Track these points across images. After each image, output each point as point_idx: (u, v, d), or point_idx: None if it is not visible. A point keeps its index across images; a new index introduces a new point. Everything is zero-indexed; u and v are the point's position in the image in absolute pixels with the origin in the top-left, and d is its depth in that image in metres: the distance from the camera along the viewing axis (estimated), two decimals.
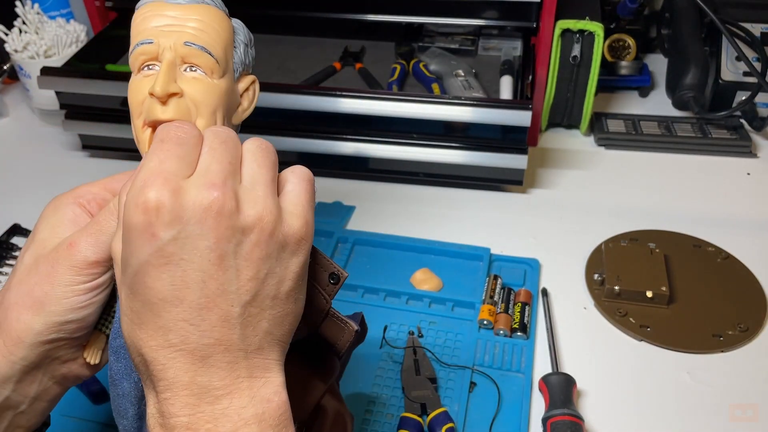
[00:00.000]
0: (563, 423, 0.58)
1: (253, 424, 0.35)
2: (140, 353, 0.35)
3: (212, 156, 0.37)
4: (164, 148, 0.36)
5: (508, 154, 0.83)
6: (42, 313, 0.40)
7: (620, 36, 1.03)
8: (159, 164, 0.35)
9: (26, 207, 0.88)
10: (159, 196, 0.34)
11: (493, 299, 0.71)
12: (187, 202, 0.34)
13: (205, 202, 0.34)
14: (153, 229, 0.34)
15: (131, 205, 0.34)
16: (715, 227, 0.81)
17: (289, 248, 0.37)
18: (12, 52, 0.97)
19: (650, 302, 0.71)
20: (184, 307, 0.34)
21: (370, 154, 0.86)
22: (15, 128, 1.04)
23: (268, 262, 0.36)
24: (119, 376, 0.43)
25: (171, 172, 0.35)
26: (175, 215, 0.34)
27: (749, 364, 0.66)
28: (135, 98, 0.43)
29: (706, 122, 0.96)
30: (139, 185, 0.35)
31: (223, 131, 0.38)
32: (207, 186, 0.35)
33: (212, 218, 0.34)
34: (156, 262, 0.34)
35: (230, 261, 0.35)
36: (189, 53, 0.41)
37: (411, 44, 0.98)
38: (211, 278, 0.35)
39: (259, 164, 0.38)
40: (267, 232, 0.36)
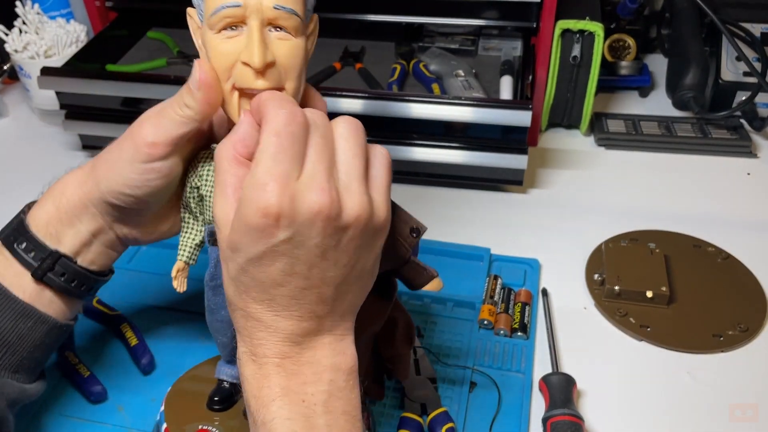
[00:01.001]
0: (563, 423, 0.58)
1: (329, 371, 0.42)
2: (245, 310, 0.41)
3: (318, 156, 0.39)
4: (280, 146, 0.38)
5: (508, 154, 0.83)
6: (108, 179, 0.48)
7: (620, 36, 1.03)
8: (276, 165, 0.38)
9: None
10: (279, 203, 0.37)
11: (493, 299, 0.71)
12: (301, 207, 0.38)
13: (315, 207, 0.38)
14: (270, 230, 0.38)
15: (251, 205, 0.38)
16: (715, 227, 0.81)
17: (377, 235, 0.42)
18: (12, 52, 0.97)
19: (650, 302, 0.71)
20: (290, 288, 0.40)
21: None
22: (15, 128, 1.04)
23: (359, 250, 0.41)
24: (217, 306, 0.50)
25: (287, 174, 0.38)
26: (291, 220, 0.38)
27: (749, 364, 0.66)
28: (221, 61, 0.43)
29: (706, 122, 0.96)
30: (258, 186, 0.38)
31: (321, 121, 0.41)
32: (317, 191, 0.38)
33: (321, 221, 0.38)
34: (270, 255, 0.39)
35: (331, 253, 0.40)
36: (277, 16, 0.41)
37: (411, 44, 0.98)
38: (315, 267, 0.40)
39: (353, 154, 0.41)
40: (362, 227, 0.40)
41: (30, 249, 0.50)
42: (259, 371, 0.41)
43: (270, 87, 0.42)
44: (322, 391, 0.41)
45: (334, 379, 0.42)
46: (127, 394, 0.63)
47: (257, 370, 0.41)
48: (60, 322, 0.53)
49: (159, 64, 0.96)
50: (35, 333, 0.51)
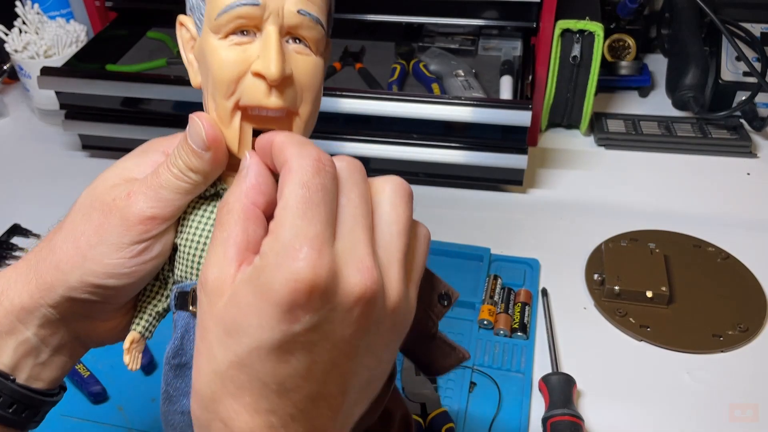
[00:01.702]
0: (563, 423, 0.58)
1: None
2: (224, 423, 0.31)
3: (355, 220, 0.31)
4: (310, 201, 0.30)
5: (508, 154, 0.83)
6: (80, 269, 0.36)
7: (620, 36, 1.03)
8: (308, 225, 0.29)
9: (26, 207, 0.88)
10: (314, 276, 0.28)
11: (493, 299, 0.71)
12: (339, 287, 0.29)
13: (357, 290, 0.29)
14: (297, 311, 0.28)
15: (278, 275, 0.28)
16: (715, 227, 0.81)
17: (401, 334, 0.34)
18: (12, 52, 0.97)
19: (650, 302, 0.71)
20: (299, 395, 0.30)
21: (370, 154, 0.86)
22: (15, 128, 1.04)
23: (383, 351, 0.33)
24: (178, 393, 0.39)
25: (322, 237, 0.29)
26: (326, 299, 0.29)
27: (749, 364, 0.66)
28: (225, 73, 0.34)
29: (706, 122, 0.96)
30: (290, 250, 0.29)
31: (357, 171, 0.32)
32: (361, 267, 0.30)
33: (360, 308, 0.30)
34: (286, 347, 0.29)
35: (359, 351, 0.31)
36: (300, 23, 0.34)
37: (411, 44, 0.98)
38: (336, 368, 0.30)
39: (398, 230, 0.33)
40: (395, 324, 0.32)
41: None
42: None
43: (283, 107, 0.34)
44: None
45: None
46: (127, 394, 0.63)
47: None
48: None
49: (159, 64, 0.97)
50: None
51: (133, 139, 0.89)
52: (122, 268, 0.36)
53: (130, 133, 0.89)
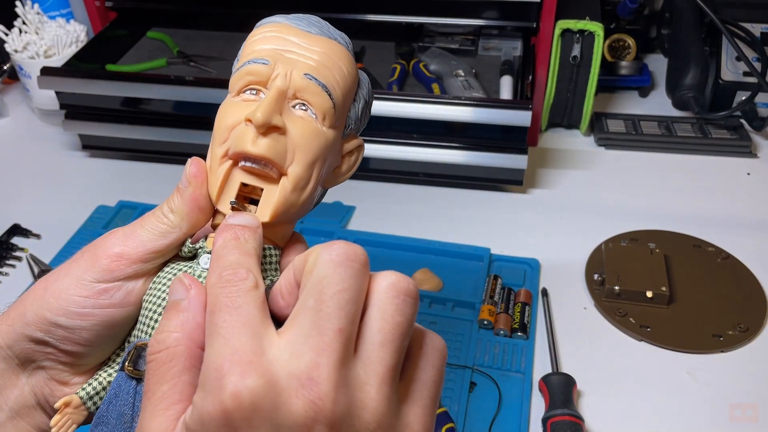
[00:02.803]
0: (563, 423, 0.58)
1: None
2: None
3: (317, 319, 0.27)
4: (220, 322, 0.27)
5: (508, 154, 0.83)
6: (39, 302, 0.34)
7: (620, 36, 1.03)
8: (225, 344, 0.26)
9: (26, 207, 0.88)
10: (244, 385, 0.25)
11: (493, 299, 0.71)
12: (282, 401, 0.25)
13: (305, 403, 0.25)
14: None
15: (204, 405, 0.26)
16: (715, 227, 0.81)
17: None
18: (12, 52, 0.97)
19: (650, 302, 0.71)
20: None
21: (370, 154, 0.86)
22: (15, 128, 1.04)
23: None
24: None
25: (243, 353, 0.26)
26: (265, 418, 0.25)
27: (749, 364, 0.66)
28: (224, 122, 0.35)
29: (706, 122, 0.96)
30: (212, 372, 0.26)
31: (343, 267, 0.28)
32: (308, 380, 0.26)
33: (318, 429, 0.25)
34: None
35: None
36: (305, 87, 0.34)
37: (411, 44, 0.98)
38: None
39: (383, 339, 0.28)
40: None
41: None
42: None
43: (267, 157, 0.33)
44: None
45: None
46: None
47: None
48: None
49: (159, 64, 0.97)
50: None
51: (133, 139, 0.89)
52: (76, 306, 0.34)
53: (130, 133, 0.89)
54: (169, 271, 0.35)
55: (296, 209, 0.35)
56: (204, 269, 0.34)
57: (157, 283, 0.35)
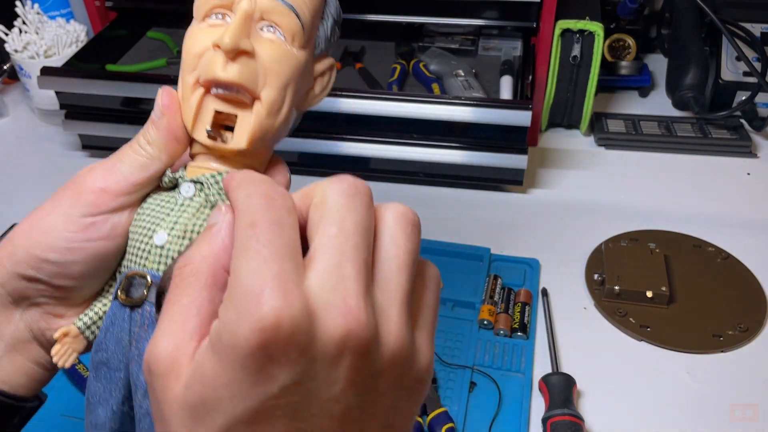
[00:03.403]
0: (563, 423, 0.58)
1: None
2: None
3: (344, 250, 0.26)
4: (261, 239, 0.25)
5: (508, 154, 0.83)
6: (27, 240, 0.35)
7: (620, 36, 1.03)
8: (263, 265, 0.25)
9: (26, 207, 0.87)
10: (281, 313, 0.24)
11: (493, 299, 0.71)
12: (317, 334, 0.24)
13: (341, 333, 0.25)
14: (269, 369, 0.24)
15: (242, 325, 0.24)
16: (715, 227, 0.81)
17: (414, 393, 0.28)
18: (12, 52, 0.97)
19: (650, 302, 0.71)
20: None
21: (370, 154, 0.86)
22: (15, 128, 1.04)
23: (388, 413, 0.27)
24: (96, 400, 0.36)
25: (285, 275, 0.25)
26: (302, 347, 0.24)
27: (749, 364, 0.66)
28: (192, 49, 0.34)
29: (706, 122, 0.96)
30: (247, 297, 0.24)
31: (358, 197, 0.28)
32: (344, 309, 0.25)
33: (348, 358, 0.25)
34: (266, 415, 0.24)
35: (354, 414, 0.26)
36: (272, 8, 0.33)
37: (411, 44, 0.98)
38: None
39: (399, 266, 0.28)
40: (397, 377, 0.27)
41: None
42: None
43: (238, 83, 0.33)
44: None
45: None
46: None
47: None
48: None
49: (159, 64, 0.97)
50: None
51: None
52: (66, 242, 0.34)
53: (130, 133, 0.88)
54: (151, 202, 0.36)
55: (272, 133, 0.35)
56: (186, 197, 0.35)
57: (141, 214, 0.36)
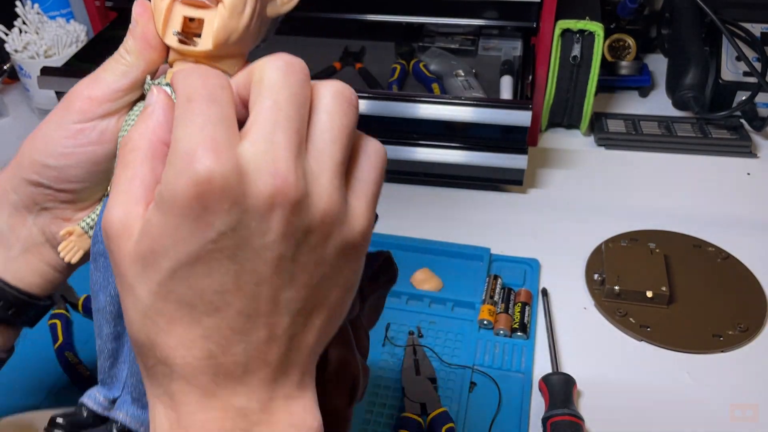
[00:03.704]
0: (563, 423, 0.58)
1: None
2: (165, 363, 0.29)
3: (277, 119, 0.29)
4: (195, 110, 0.28)
5: (508, 154, 0.83)
6: (30, 149, 0.39)
7: (620, 36, 1.03)
8: (198, 132, 0.28)
9: None
10: (213, 170, 0.27)
11: (493, 299, 0.71)
12: (248, 187, 0.27)
13: (270, 190, 0.28)
14: (206, 214, 0.27)
15: (176, 181, 0.27)
16: (715, 227, 0.81)
17: (348, 253, 0.31)
18: (12, 52, 0.97)
19: (650, 302, 0.71)
20: (231, 313, 0.29)
21: None
22: (15, 128, 1.04)
23: (323, 268, 0.30)
24: (97, 288, 0.39)
25: (216, 139, 0.28)
26: (233, 199, 0.27)
27: (749, 364, 0.66)
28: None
29: (706, 122, 0.96)
30: (182, 158, 0.27)
31: (294, 74, 0.30)
32: (273, 170, 0.28)
33: (278, 213, 0.28)
34: (206, 257, 0.28)
35: (287, 264, 0.29)
36: None
37: (411, 44, 0.98)
38: (265, 282, 0.29)
39: (332, 138, 0.30)
40: (327, 234, 0.30)
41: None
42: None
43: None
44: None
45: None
46: None
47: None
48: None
49: None
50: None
51: None
52: (61, 147, 0.38)
53: None
54: (136, 110, 0.39)
55: (238, 35, 0.35)
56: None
57: (127, 122, 0.38)
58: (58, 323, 0.67)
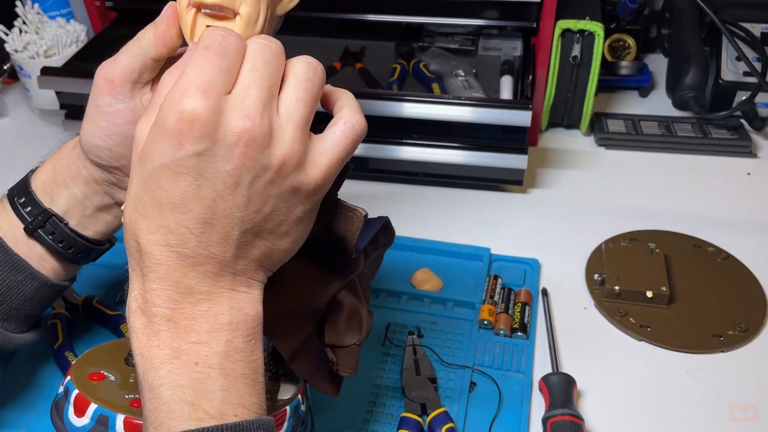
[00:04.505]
0: (563, 423, 0.58)
1: (227, 330, 0.38)
2: (137, 241, 0.38)
3: (253, 77, 0.38)
4: (207, 57, 0.37)
5: (508, 154, 0.83)
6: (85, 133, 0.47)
7: (620, 36, 1.03)
8: (201, 74, 0.36)
9: None
10: (195, 108, 0.35)
11: (493, 299, 0.71)
12: (221, 124, 0.36)
13: (238, 129, 0.36)
14: (181, 138, 0.36)
15: (168, 108, 0.36)
16: (715, 227, 0.81)
17: (300, 195, 0.39)
18: (12, 52, 0.97)
19: (650, 302, 0.71)
20: (190, 216, 0.37)
21: (369, 154, 0.86)
22: (15, 128, 1.04)
23: (275, 201, 0.38)
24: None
25: (211, 84, 0.36)
26: (206, 132, 0.36)
27: (749, 364, 0.66)
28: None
29: (706, 122, 0.96)
30: (180, 91, 0.36)
31: (269, 48, 0.39)
32: (244, 114, 0.36)
33: (241, 147, 0.36)
34: (175, 169, 0.36)
35: (243, 190, 0.37)
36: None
37: (411, 44, 0.98)
38: (222, 199, 0.37)
39: (298, 98, 0.39)
40: (284, 175, 0.38)
41: (27, 204, 0.51)
42: (148, 325, 0.38)
43: (219, 4, 0.41)
44: (218, 353, 0.38)
45: (232, 339, 0.38)
46: None
47: (147, 323, 0.38)
48: (52, 281, 0.53)
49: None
50: (25, 287, 0.52)
51: None
52: (104, 129, 0.46)
53: None
54: None
55: None
56: None
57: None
58: (58, 323, 0.67)
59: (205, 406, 0.37)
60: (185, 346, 0.37)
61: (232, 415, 0.37)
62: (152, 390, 0.37)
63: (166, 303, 0.38)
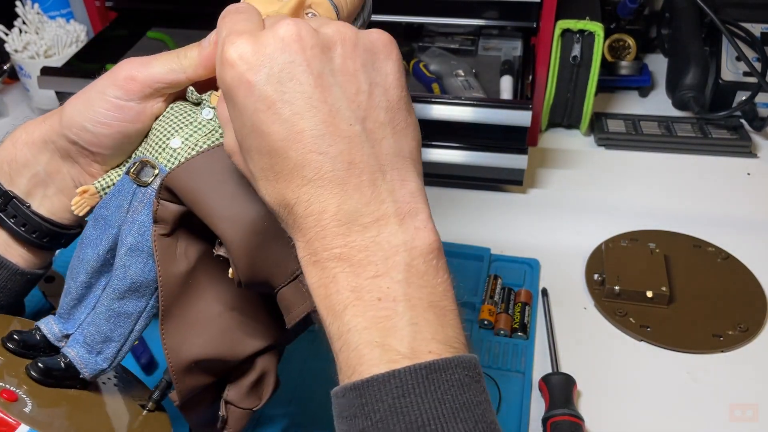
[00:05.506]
0: (563, 423, 0.58)
1: (402, 252, 0.35)
2: (284, 203, 0.36)
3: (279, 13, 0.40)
4: (227, 18, 0.38)
5: (508, 154, 0.83)
6: (73, 110, 0.45)
7: (620, 36, 1.03)
8: (230, 29, 0.36)
9: None
10: (237, 46, 0.35)
11: (493, 299, 0.71)
12: (266, 39, 0.35)
13: (281, 32, 0.35)
14: (245, 77, 0.35)
15: (220, 69, 0.36)
16: (715, 227, 0.81)
17: (381, 54, 0.38)
18: (12, 52, 0.97)
19: (650, 302, 0.71)
20: (306, 138, 0.35)
21: None
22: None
23: (365, 72, 0.37)
24: (87, 242, 0.46)
25: (242, 29, 0.36)
26: (259, 55, 0.35)
27: (749, 364, 0.66)
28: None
29: (706, 122, 0.96)
30: (218, 54, 0.36)
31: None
32: (278, 21, 0.36)
33: (294, 42, 0.35)
34: (262, 106, 0.35)
35: (329, 79, 0.35)
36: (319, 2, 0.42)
37: (411, 44, 0.98)
38: (320, 102, 0.35)
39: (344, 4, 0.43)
40: (351, 42, 0.36)
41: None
42: (322, 274, 0.35)
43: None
44: (400, 282, 0.35)
45: (410, 262, 0.35)
46: None
47: (320, 273, 0.35)
48: (23, 269, 0.50)
49: None
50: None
51: None
52: (100, 116, 0.44)
53: None
54: (178, 107, 0.45)
55: None
56: (205, 119, 0.45)
57: (166, 116, 0.45)
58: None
59: (396, 345, 0.33)
60: (364, 284, 0.34)
61: (426, 351, 0.34)
62: (340, 339, 0.35)
63: (334, 241, 0.35)
